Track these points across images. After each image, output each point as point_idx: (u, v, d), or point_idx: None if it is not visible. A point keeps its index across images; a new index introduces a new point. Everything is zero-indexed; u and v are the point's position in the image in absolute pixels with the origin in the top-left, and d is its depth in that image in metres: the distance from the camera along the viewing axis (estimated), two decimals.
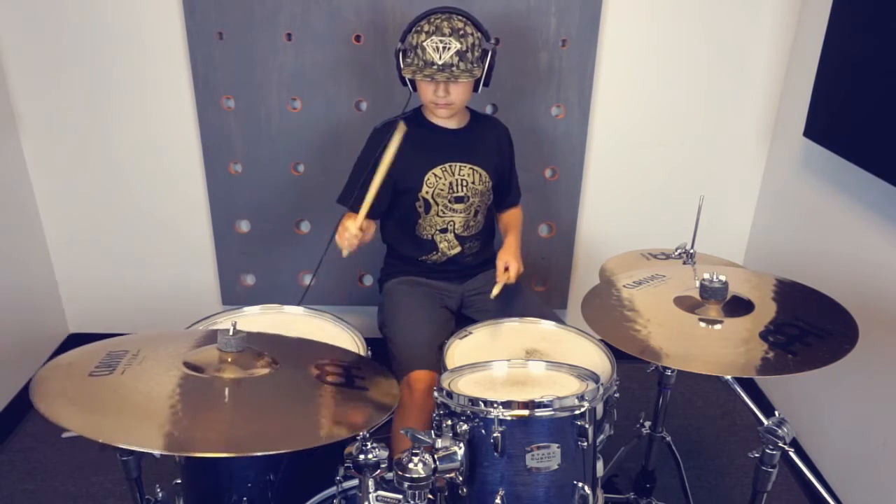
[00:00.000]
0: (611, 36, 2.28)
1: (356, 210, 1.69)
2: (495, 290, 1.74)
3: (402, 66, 1.72)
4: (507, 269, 1.77)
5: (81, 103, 2.33)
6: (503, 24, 2.21)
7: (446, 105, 1.74)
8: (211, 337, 1.30)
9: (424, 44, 1.66)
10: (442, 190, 1.83)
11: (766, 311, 1.39)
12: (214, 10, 2.18)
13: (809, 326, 1.32)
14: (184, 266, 2.57)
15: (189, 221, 2.50)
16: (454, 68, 1.66)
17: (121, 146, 2.39)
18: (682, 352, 1.28)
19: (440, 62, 1.65)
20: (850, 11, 1.89)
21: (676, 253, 1.80)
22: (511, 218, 2.02)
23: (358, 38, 2.23)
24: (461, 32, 1.66)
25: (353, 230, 1.64)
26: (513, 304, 1.86)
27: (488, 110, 2.33)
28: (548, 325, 1.64)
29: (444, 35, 1.65)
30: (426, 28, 1.67)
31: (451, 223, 1.87)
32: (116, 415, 1.06)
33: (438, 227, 1.87)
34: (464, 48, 1.66)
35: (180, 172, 2.43)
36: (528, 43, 2.25)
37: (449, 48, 1.65)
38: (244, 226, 2.50)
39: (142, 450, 1.00)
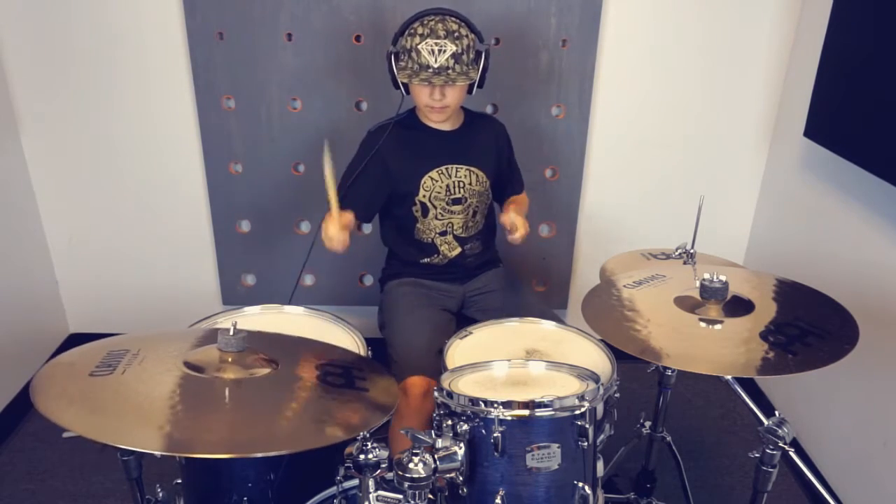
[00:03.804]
0: (611, 36, 2.28)
1: (346, 208, 1.69)
2: (517, 235, 1.74)
3: (395, 69, 1.70)
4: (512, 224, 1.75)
5: (82, 103, 2.33)
6: (503, 24, 2.21)
7: (441, 109, 1.72)
8: (211, 336, 1.30)
9: (419, 47, 1.63)
10: (439, 193, 1.82)
11: (766, 311, 1.39)
12: (214, 10, 2.18)
13: (810, 326, 1.32)
14: (184, 266, 2.58)
15: (189, 222, 2.50)
16: (450, 71, 1.64)
17: (121, 146, 2.39)
18: (682, 352, 1.28)
19: (435, 65, 1.63)
20: (850, 11, 1.89)
21: (677, 253, 1.80)
22: (516, 198, 2.00)
23: (358, 38, 2.23)
24: (456, 34, 1.64)
25: (334, 232, 1.62)
26: (513, 304, 1.86)
27: (488, 110, 2.33)
28: (548, 325, 1.64)
29: (438, 37, 1.62)
30: (420, 31, 1.64)
31: (450, 225, 1.87)
32: (117, 415, 1.06)
33: (438, 230, 1.87)
34: (459, 50, 1.64)
35: (180, 172, 2.43)
36: (528, 43, 2.25)
37: (444, 51, 1.62)
38: (244, 226, 2.50)
39: (143, 451, 1.00)
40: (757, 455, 1.35)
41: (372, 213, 1.87)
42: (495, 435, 1.23)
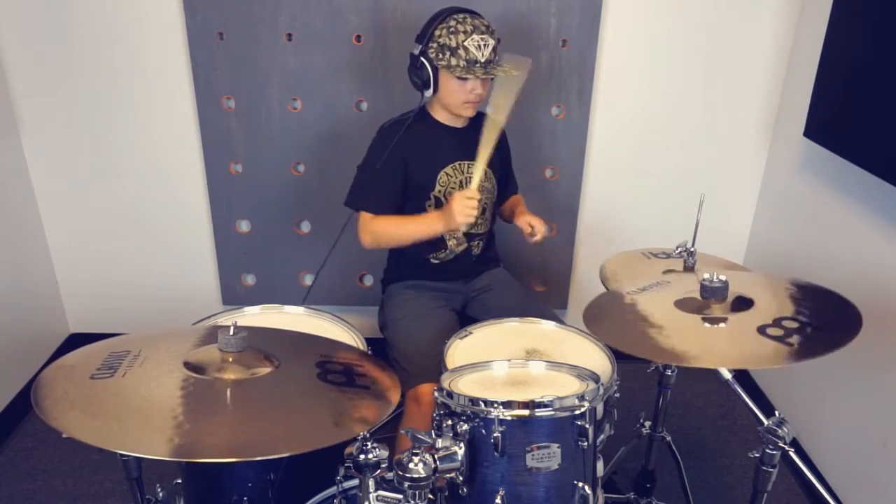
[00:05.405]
0: (611, 36, 2.28)
1: (378, 211, 1.72)
2: (539, 237, 1.80)
3: (435, 67, 1.69)
4: (531, 227, 1.80)
5: (82, 103, 2.33)
6: (503, 24, 2.21)
7: (477, 102, 1.76)
8: (212, 335, 1.30)
9: (465, 44, 1.65)
10: (453, 188, 1.83)
11: (767, 307, 1.38)
12: (214, 10, 2.18)
13: (810, 320, 1.31)
14: (184, 266, 2.58)
15: (189, 221, 2.50)
16: (492, 65, 1.69)
17: (121, 146, 2.39)
18: (689, 350, 1.26)
19: (483, 59, 1.67)
20: (850, 11, 1.89)
21: (677, 252, 1.79)
22: (514, 199, 2.04)
23: (358, 38, 2.23)
24: (490, 29, 1.69)
25: (474, 197, 1.66)
26: (513, 304, 1.86)
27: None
28: (548, 325, 1.64)
29: (482, 33, 1.67)
30: (461, 28, 1.66)
31: None
32: (119, 420, 1.05)
33: None
34: (496, 43, 1.69)
35: (180, 172, 2.43)
36: (528, 43, 2.25)
37: (488, 45, 1.68)
38: (244, 226, 2.50)
39: (144, 456, 0.99)
40: (757, 455, 1.34)
41: (396, 210, 1.86)
42: (495, 435, 1.23)
